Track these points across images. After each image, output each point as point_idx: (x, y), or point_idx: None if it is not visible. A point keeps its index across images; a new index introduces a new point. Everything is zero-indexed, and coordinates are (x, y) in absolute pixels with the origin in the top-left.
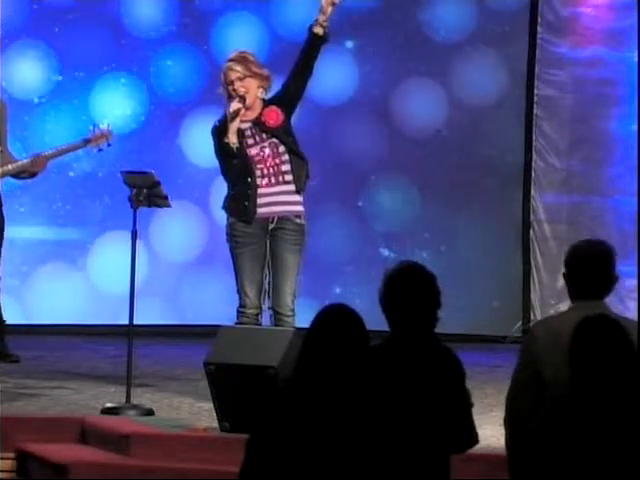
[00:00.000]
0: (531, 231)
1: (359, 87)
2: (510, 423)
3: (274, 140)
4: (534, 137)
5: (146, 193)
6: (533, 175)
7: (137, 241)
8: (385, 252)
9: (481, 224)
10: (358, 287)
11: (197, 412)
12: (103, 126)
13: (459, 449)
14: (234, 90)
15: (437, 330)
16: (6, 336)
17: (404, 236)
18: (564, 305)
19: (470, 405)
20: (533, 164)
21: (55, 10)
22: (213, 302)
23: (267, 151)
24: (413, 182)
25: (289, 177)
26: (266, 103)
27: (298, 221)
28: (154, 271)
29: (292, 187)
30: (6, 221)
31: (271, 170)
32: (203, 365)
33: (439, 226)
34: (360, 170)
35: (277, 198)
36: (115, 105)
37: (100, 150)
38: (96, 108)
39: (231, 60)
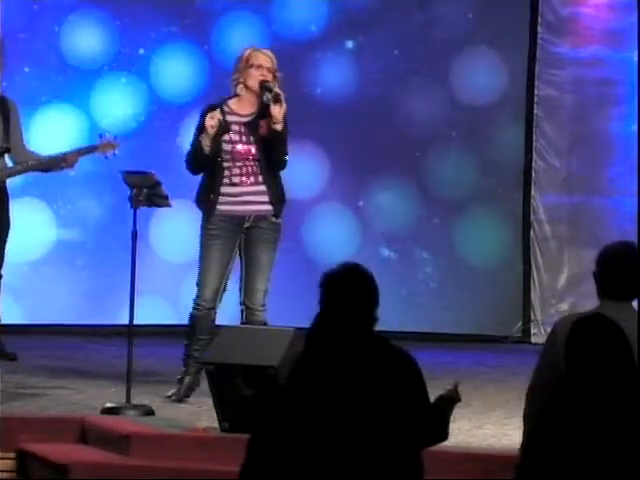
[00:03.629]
0: (531, 231)
1: (359, 87)
2: (529, 418)
3: (260, 145)
4: (534, 137)
5: (146, 193)
6: (533, 175)
7: (137, 241)
8: (385, 252)
9: (481, 224)
10: None
11: (197, 412)
12: (110, 136)
13: (421, 444)
14: (262, 75)
15: (437, 330)
16: (6, 335)
17: (404, 236)
18: (565, 305)
19: (427, 400)
20: (533, 164)
21: (55, 9)
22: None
23: (253, 151)
24: (413, 182)
25: (262, 179)
26: (268, 110)
27: (273, 220)
28: (154, 271)
29: (264, 188)
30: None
31: (250, 169)
32: (203, 365)
33: (439, 226)
34: (360, 170)
35: (255, 197)
36: (115, 105)
37: (106, 157)
38: (96, 108)
39: (265, 51)
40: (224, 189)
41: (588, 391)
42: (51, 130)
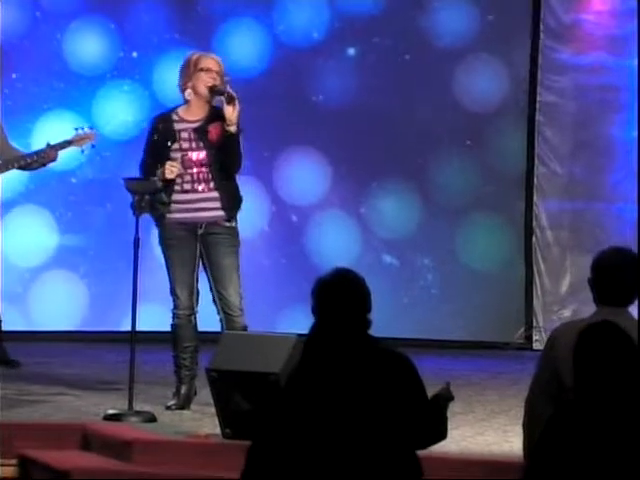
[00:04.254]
0: (533, 237)
1: (361, 93)
2: (528, 426)
3: (211, 151)
4: (536, 143)
5: (148, 200)
6: (535, 181)
7: (139, 247)
8: (387, 259)
9: (484, 230)
10: None
11: (199, 418)
12: (86, 128)
13: (422, 444)
14: (212, 78)
15: (439, 337)
16: (8, 343)
17: (406, 243)
18: (567, 311)
19: (426, 399)
20: (535, 170)
21: (57, 17)
22: (215, 308)
23: (203, 158)
24: (415, 189)
25: (214, 185)
26: (217, 114)
27: (227, 224)
28: (156, 278)
29: (217, 194)
30: (3, 228)
31: (201, 176)
32: (205, 371)
33: (441, 233)
34: (362, 177)
35: (207, 204)
36: (117, 112)
37: (83, 151)
38: (98, 115)
39: (212, 55)
40: (176, 196)
41: (598, 398)
42: (53, 137)
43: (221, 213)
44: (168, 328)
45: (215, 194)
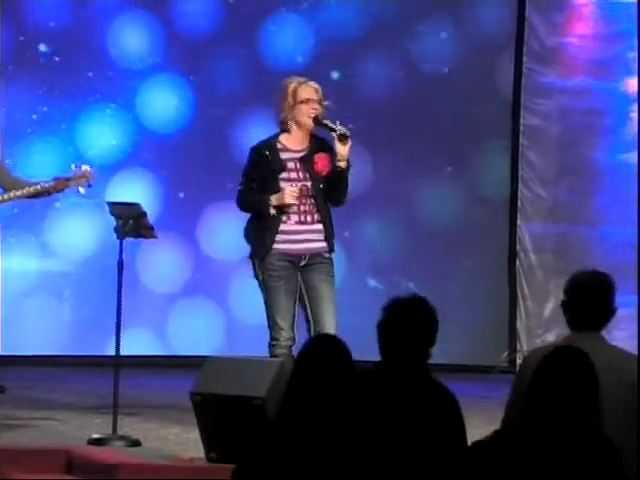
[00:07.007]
0: (517, 261)
1: (344, 117)
2: None
3: (316, 182)
4: (520, 166)
5: (132, 224)
6: (519, 204)
7: (123, 271)
8: (372, 283)
9: (468, 254)
10: (345, 317)
11: (184, 442)
12: (85, 166)
13: None
14: (314, 109)
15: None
16: None
17: (391, 267)
18: (551, 335)
19: (465, 444)
20: (519, 194)
21: (42, 41)
22: (200, 333)
23: (310, 188)
24: (400, 212)
25: (319, 217)
26: (320, 143)
27: (327, 255)
28: (140, 302)
29: (321, 226)
30: None
31: (308, 207)
32: (189, 395)
33: (425, 256)
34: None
35: (312, 236)
36: (101, 136)
37: (78, 192)
38: (82, 139)
39: (311, 83)
40: (282, 227)
41: (544, 422)
42: (37, 161)
43: (324, 244)
44: (152, 352)
45: (319, 226)
